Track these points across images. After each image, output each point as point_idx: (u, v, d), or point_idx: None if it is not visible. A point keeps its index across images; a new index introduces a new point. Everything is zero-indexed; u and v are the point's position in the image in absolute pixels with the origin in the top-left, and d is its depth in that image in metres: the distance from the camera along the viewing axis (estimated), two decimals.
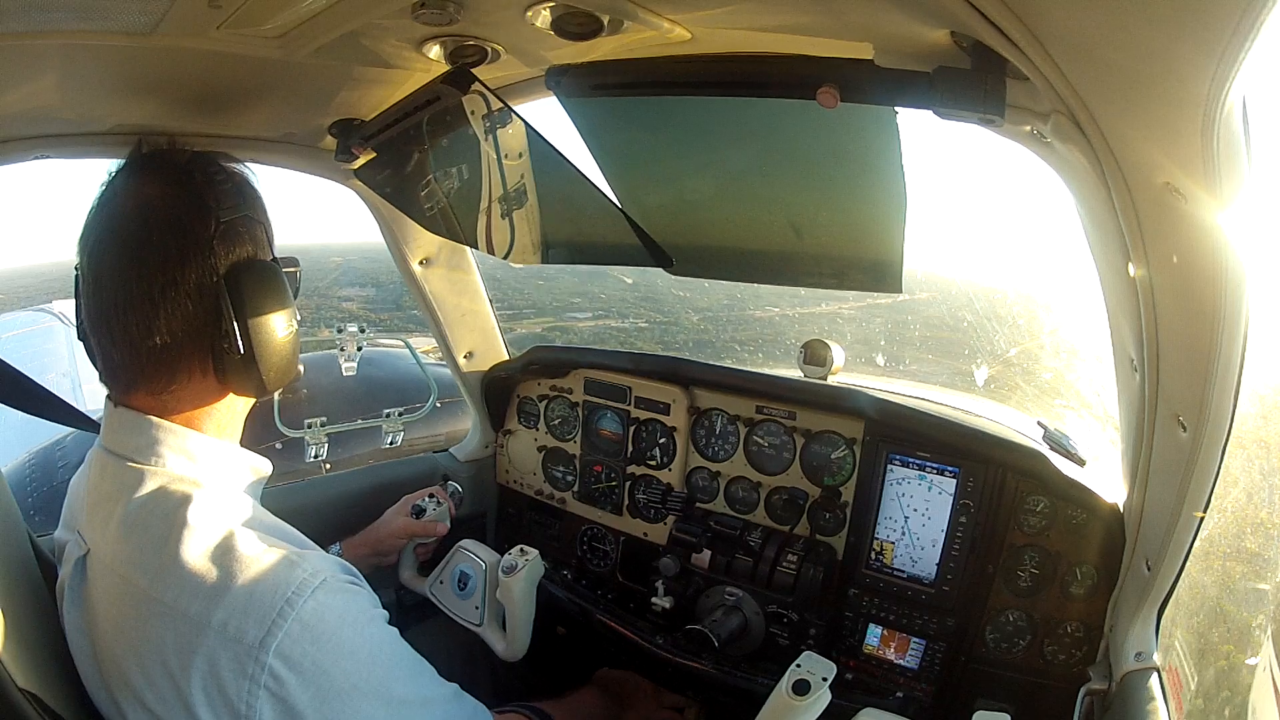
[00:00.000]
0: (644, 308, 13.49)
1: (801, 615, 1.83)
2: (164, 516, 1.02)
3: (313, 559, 1.04)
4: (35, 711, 0.95)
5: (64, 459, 3.47)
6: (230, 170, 1.18)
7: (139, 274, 1.06)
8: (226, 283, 1.09)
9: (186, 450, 1.10)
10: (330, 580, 1.03)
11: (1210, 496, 1.12)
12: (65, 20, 1.01)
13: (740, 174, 1.61)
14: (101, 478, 1.11)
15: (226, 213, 1.11)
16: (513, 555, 1.84)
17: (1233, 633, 1.85)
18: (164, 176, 1.12)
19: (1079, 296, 1.65)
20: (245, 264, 1.12)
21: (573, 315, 12.92)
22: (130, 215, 1.08)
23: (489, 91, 1.27)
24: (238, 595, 0.96)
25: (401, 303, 2.66)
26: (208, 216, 1.09)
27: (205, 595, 0.96)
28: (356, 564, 1.85)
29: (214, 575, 0.97)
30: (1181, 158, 0.77)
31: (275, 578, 0.99)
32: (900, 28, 0.95)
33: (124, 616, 1.00)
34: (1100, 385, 1.85)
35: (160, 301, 1.06)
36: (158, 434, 1.09)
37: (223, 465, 1.15)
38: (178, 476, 1.08)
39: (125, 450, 1.09)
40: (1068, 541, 1.64)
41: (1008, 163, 8.15)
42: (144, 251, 1.06)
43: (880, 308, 5.17)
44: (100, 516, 1.08)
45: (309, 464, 2.77)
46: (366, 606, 1.08)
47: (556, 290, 13.60)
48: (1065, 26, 0.75)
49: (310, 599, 0.98)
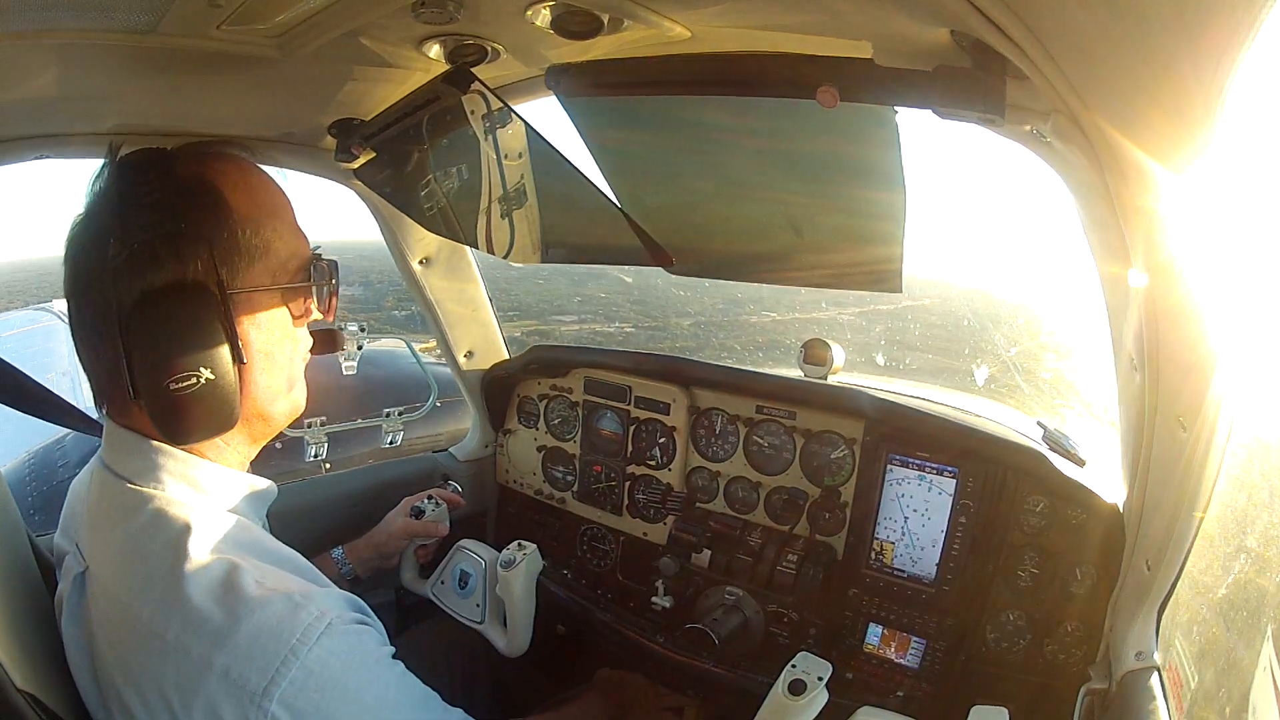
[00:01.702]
0: (633, 311, 13.33)
1: (801, 615, 1.83)
2: (166, 546, 0.98)
3: (319, 599, 0.99)
4: (34, 712, 0.95)
5: (64, 458, 3.47)
6: (177, 175, 1.04)
7: (70, 302, 1.03)
8: (125, 315, 0.97)
9: (188, 477, 1.06)
10: (336, 623, 0.98)
11: (1210, 496, 1.12)
12: (65, 19, 1.00)
13: (740, 173, 1.61)
14: (101, 496, 1.07)
15: (138, 232, 0.98)
16: (511, 550, 1.85)
17: (1233, 633, 1.85)
18: (98, 190, 1.04)
19: (1079, 296, 1.65)
20: (156, 295, 0.98)
21: (558, 318, 12.78)
22: (71, 237, 1.04)
23: (489, 91, 1.27)
24: (241, 640, 0.92)
25: (383, 304, 2.61)
26: (105, 240, 0.98)
27: (208, 637, 0.92)
28: (359, 567, 1.88)
29: (217, 616, 0.93)
30: (1181, 157, 0.77)
31: (280, 622, 0.94)
32: (900, 27, 0.95)
33: (123, 644, 0.97)
34: (1100, 385, 1.84)
35: (79, 332, 1.03)
36: (159, 459, 1.05)
37: (226, 492, 1.10)
38: (179, 502, 1.03)
39: (125, 471, 1.05)
40: (1068, 541, 1.63)
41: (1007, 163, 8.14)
42: (72, 280, 1.03)
43: (881, 314, 5.16)
44: (100, 537, 1.05)
45: (309, 463, 2.78)
46: (373, 647, 1.04)
47: (552, 291, 13.50)
48: (1066, 26, 0.75)
49: (316, 645, 0.94)
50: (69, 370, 4.71)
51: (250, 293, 1.06)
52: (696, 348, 11.50)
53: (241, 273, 1.05)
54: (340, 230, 2.46)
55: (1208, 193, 0.77)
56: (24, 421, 1.55)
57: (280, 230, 1.11)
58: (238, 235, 1.05)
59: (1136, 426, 1.22)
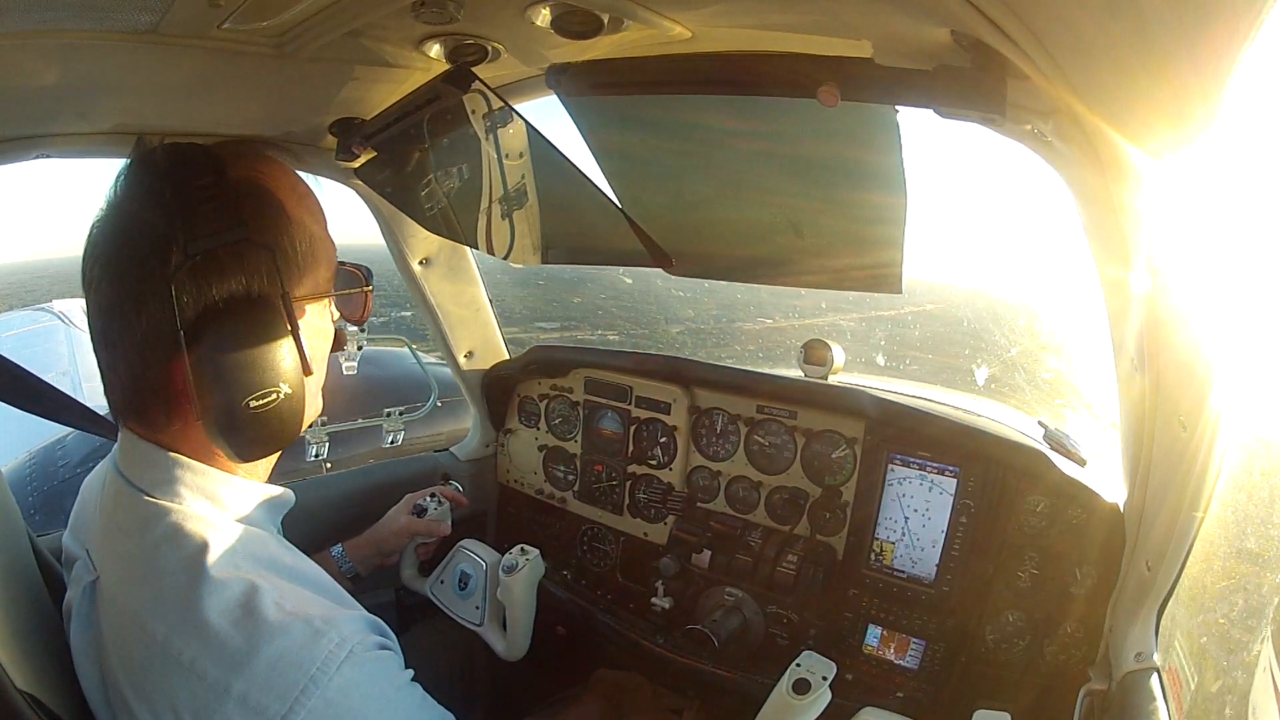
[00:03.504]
0: (621, 317, 13.17)
1: (801, 615, 1.83)
2: (182, 563, 0.95)
3: (340, 624, 0.95)
4: (34, 713, 0.95)
5: (64, 458, 3.46)
6: (231, 178, 0.98)
7: (105, 310, 0.96)
8: (191, 329, 0.92)
9: (208, 492, 1.02)
10: (357, 650, 0.94)
11: (1210, 496, 1.12)
12: (65, 19, 1.00)
13: (741, 174, 1.61)
14: (116, 505, 1.04)
15: (203, 240, 0.92)
16: (513, 555, 1.85)
17: (1233, 633, 1.85)
18: (142, 188, 0.98)
19: (1079, 297, 1.65)
20: (225, 308, 0.93)
21: (540, 325, 12.69)
22: (108, 236, 0.97)
23: (489, 90, 1.27)
24: (259, 667, 0.89)
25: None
26: (168, 248, 0.91)
27: (226, 662, 0.90)
28: (359, 564, 1.88)
29: (235, 640, 0.90)
30: (1182, 158, 0.77)
31: (300, 650, 0.91)
32: (901, 27, 0.95)
33: (135, 659, 0.95)
34: (1100, 385, 1.84)
35: (119, 344, 0.96)
36: (178, 472, 1.01)
37: (244, 505, 1.06)
38: (198, 517, 0.99)
39: (142, 483, 1.01)
40: (1068, 541, 1.63)
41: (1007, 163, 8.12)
42: (113, 286, 0.95)
43: (882, 319, 5.15)
44: (113, 548, 1.03)
45: (309, 463, 2.78)
46: (394, 672, 1.01)
47: (536, 297, 13.39)
48: (1066, 26, 0.75)
49: (336, 675, 0.91)
50: (69, 370, 4.72)
51: (307, 300, 1.04)
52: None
53: (299, 281, 1.03)
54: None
55: (1208, 193, 0.77)
56: (24, 421, 1.55)
57: (323, 237, 1.09)
58: (296, 242, 1.02)
59: (1137, 427, 1.22)
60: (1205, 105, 0.66)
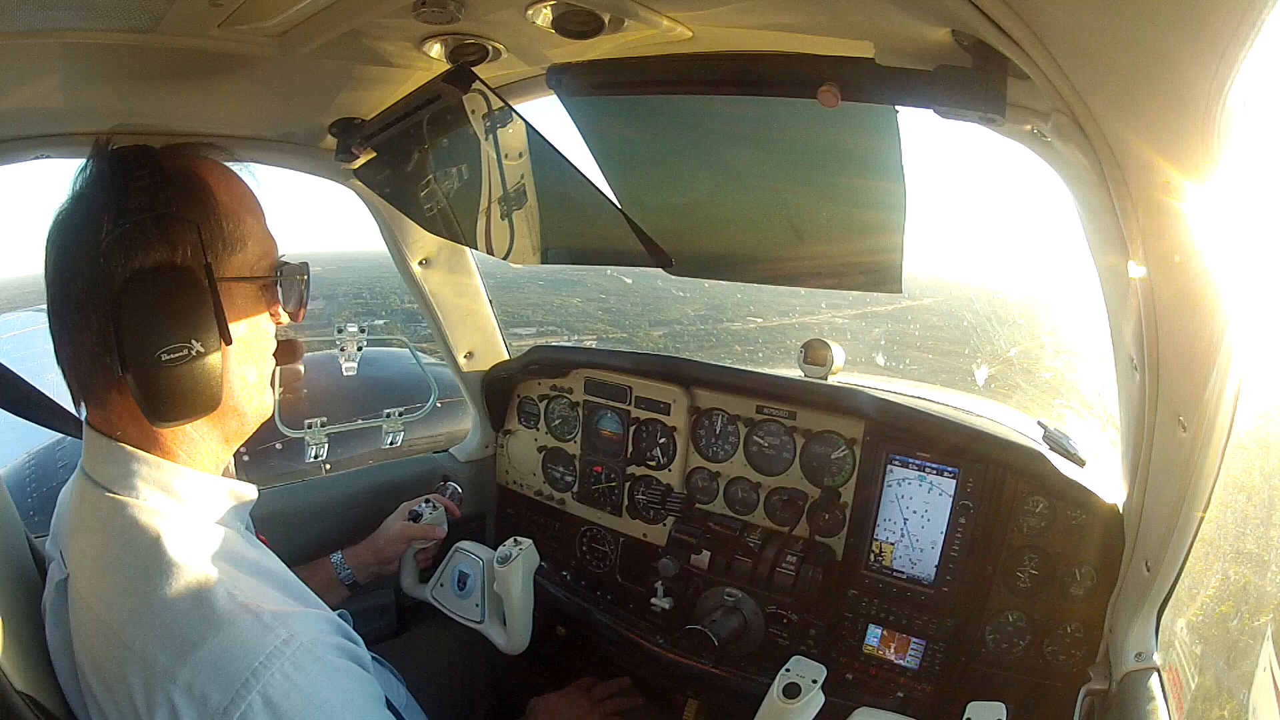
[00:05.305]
0: (602, 320, 13.05)
1: (801, 616, 1.83)
2: (139, 555, 0.98)
3: (291, 621, 0.96)
4: (33, 714, 0.95)
5: (64, 459, 3.46)
6: (166, 168, 1.06)
7: (53, 287, 1.03)
8: (118, 295, 0.99)
9: (162, 484, 1.05)
10: (305, 648, 0.94)
11: (1210, 496, 1.12)
12: (65, 19, 1.00)
13: (740, 173, 1.61)
14: (82, 503, 1.07)
15: (131, 214, 1.00)
16: (507, 546, 1.85)
17: (1233, 633, 1.85)
18: (88, 181, 1.06)
19: (1079, 296, 1.66)
20: (148, 273, 1.00)
21: (516, 330, 12.63)
22: (57, 223, 1.05)
23: (489, 90, 1.27)
24: (205, 656, 0.90)
25: (334, 319, 2.53)
26: (97, 221, 1.00)
27: (174, 649, 0.91)
28: (358, 572, 1.88)
29: (184, 629, 0.92)
30: (1182, 158, 0.77)
31: (245, 643, 0.92)
32: (901, 26, 0.96)
33: (97, 651, 0.97)
34: (1100, 385, 1.85)
35: (64, 317, 1.03)
36: (133, 465, 1.04)
37: (203, 498, 1.09)
38: (154, 510, 1.02)
39: (102, 478, 1.05)
40: (1067, 542, 1.63)
41: (1007, 163, 8.14)
42: (57, 263, 1.03)
43: (880, 315, 5.14)
44: (79, 545, 1.04)
45: (309, 464, 2.78)
46: (340, 680, 0.98)
47: (519, 300, 13.31)
48: (1066, 26, 0.75)
49: (277, 671, 0.91)
50: None
51: (232, 281, 1.09)
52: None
53: (224, 261, 1.08)
54: (328, 240, 2.44)
55: (1207, 193, 0.77)
56: (24, 422, 1.55)
57: (256, 227, 1.14)
58: (222, 224, 1.08)
59: (1136, 427, 1.23)
60: (1205, 105, 0.66)
